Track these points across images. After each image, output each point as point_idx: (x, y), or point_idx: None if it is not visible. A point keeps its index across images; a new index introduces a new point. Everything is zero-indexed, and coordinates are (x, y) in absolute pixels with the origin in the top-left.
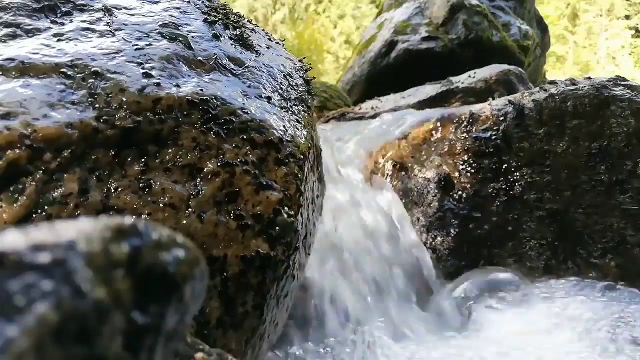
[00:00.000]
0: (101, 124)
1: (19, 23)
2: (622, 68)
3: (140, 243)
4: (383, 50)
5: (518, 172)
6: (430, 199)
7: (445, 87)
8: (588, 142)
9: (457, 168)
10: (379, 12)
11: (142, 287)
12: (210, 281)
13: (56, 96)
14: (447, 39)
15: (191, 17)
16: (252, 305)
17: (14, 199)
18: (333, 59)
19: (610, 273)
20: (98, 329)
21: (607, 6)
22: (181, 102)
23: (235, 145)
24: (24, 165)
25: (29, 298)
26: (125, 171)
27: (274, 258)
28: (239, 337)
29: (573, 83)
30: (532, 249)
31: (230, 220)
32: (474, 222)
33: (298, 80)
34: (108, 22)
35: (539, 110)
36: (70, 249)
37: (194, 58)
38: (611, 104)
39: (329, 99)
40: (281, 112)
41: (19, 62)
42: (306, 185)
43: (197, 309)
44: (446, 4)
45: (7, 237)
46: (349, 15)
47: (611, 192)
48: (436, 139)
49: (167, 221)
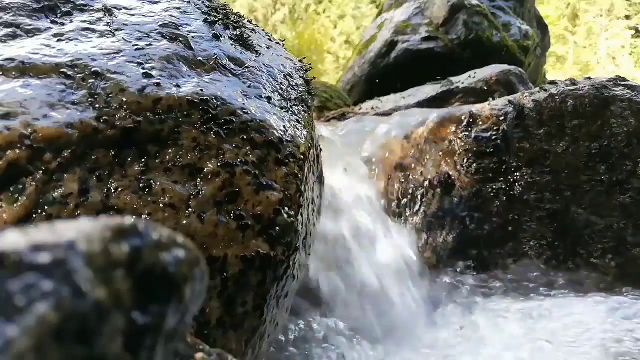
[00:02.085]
0: (101, 124)
1: (19, 23)
2: (622, 68)
3: (140, 243)
4: (383, 50)
5: (518, 172)
6: (430, 199)
7: (445, 87)
8: (588, 142)
9: (457, 168)
10: (379, 12)
11: (142, 287)
12: (210, 281)
13: (56, 96)
14: (447, 39)
15: (191, 17)
16: (252, 305)
17: (14, 199)
18: (333, 59)
19: (610, 273)
20: (98, 329)
21: (607, 6)
22: (181, 102)
23: (235, 145)
24: (24, 165)
25: (29, 298)
26: (125, 171)
27: (274, 258)
28: (239, 337)
29: (573, 83)
30: (532, 249)
31: (230, 220)
32: (474, 222)
33: (298, 80)
34: (108, 22)
35: (539, 110)
36: (70, 249)
37: (194, 58)
38: (611, 104)
39: (329, 99)
40: (281, 112)
41: (19, 62)
42: (306, 185)
43: (197, 309)
44: (446, 4)
45: (7, 237)
46: (349, 15)
47: (611, 192)
48: (436, 138)
49: (167, 221)
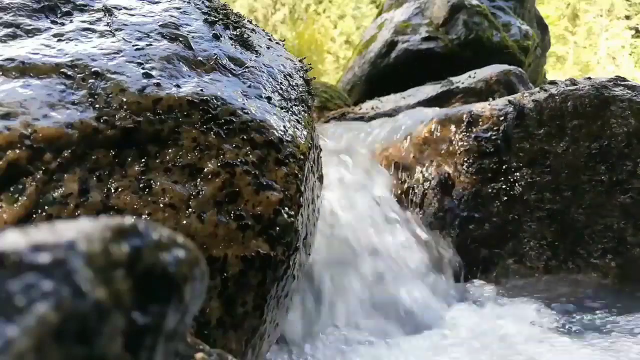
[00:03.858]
0: (101, 124)
1: (19, 23)
2: (622, 68)
3: (140, 243)
4: (383, 50)
5: (518, 172)
6: (430, 199)
7: (445, 87)
8: (588, 142)
9: (457, 168)
10: (379, 12)
11: (142, 287)
12: (210, 281)
13: (56, 96)
14: (447, 39)
15: (191, 17)
16: (252, 305)
17: (14, 199)
18: (333, 59)
19: (610, 273)
20: (98, 329)
21: (607, 6)
22: (181, 102)
23: (235, 145)
24: (24, 165)
25: (29, 298)
26: (125, 171)
27: (274, 258)
28: (239, 337)
29: (573, 83)
30: (532, 249)
31: (230, 220)
32: (474, 222)
33: (298, 80)
34: (108, 22)
35: (539, 110)
36: (70, 249)
37: (194, 58)
38: (611, 104)
39: (329, 99)
40: (281, 112)
41: (19, 62)
42: (306, 185)
43: (197, 309)
44: (446, 4)
45: (7, 237)
46: (349, 15)
47: (611, 192)
48: (436, 138)
49: (167, 221)
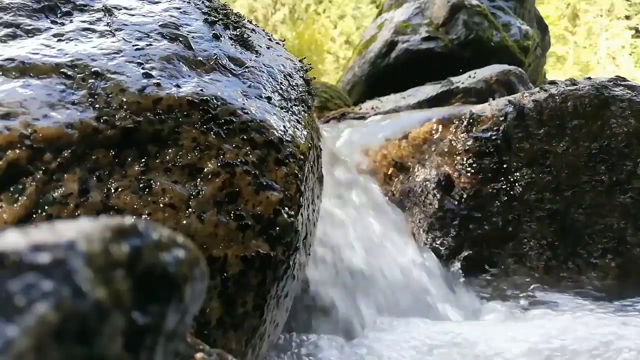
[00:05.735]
0: (101, 124)
1: (19, 23)
2: (622, 68)
3: (140, 243)
4: (383, 50)
5: (518, 172)
6: (430, 199)
7: (445, 87)
8: (588, 142)
9: (457, 168)
10: (379, 12)
11: (142, 287)
12: (210, 281)
13: (56, 96)
14: (447, 39)
15: (191, 17)
16: (252, 305)
17: (14, 199)
18: (333, 59)
19: (610, 273)
20: (98, 329)
21: (607, 6)
22: (181, 102)
23: (235, 145)
24: (24, 165)
25: (29, 298)
26: (125, 171)
27: (274, 258)
28: (239, 337)
29: (573, 83)
30: (532, 249)
31: (230, 220)
32: (474, 222)
33: (298, 80)
34: (108, 22)
35: (539, 110)
36: (70, 249)
37: (194, 58)
38: (611, 104)
39: (329, 99)
40: (281, 112)
41: (19, 62)
42: (306, 185)
43: (197, 309)
44: (446, 4)
45: (7, 237)
46: (349, 15)
47: (611, 192)
48: (436, 138)
49: (167, 221)
